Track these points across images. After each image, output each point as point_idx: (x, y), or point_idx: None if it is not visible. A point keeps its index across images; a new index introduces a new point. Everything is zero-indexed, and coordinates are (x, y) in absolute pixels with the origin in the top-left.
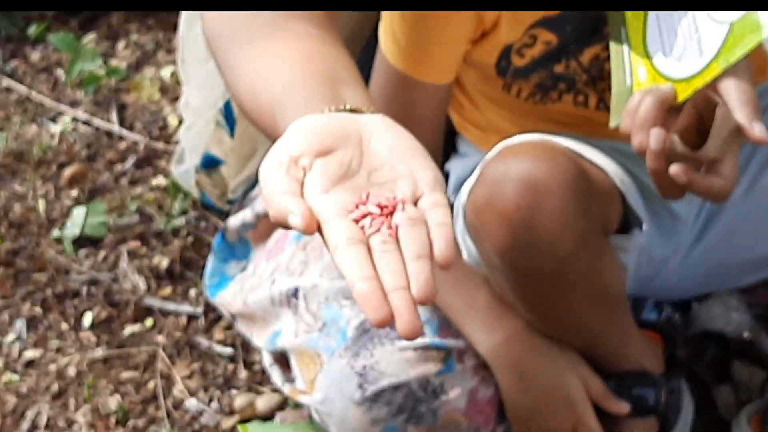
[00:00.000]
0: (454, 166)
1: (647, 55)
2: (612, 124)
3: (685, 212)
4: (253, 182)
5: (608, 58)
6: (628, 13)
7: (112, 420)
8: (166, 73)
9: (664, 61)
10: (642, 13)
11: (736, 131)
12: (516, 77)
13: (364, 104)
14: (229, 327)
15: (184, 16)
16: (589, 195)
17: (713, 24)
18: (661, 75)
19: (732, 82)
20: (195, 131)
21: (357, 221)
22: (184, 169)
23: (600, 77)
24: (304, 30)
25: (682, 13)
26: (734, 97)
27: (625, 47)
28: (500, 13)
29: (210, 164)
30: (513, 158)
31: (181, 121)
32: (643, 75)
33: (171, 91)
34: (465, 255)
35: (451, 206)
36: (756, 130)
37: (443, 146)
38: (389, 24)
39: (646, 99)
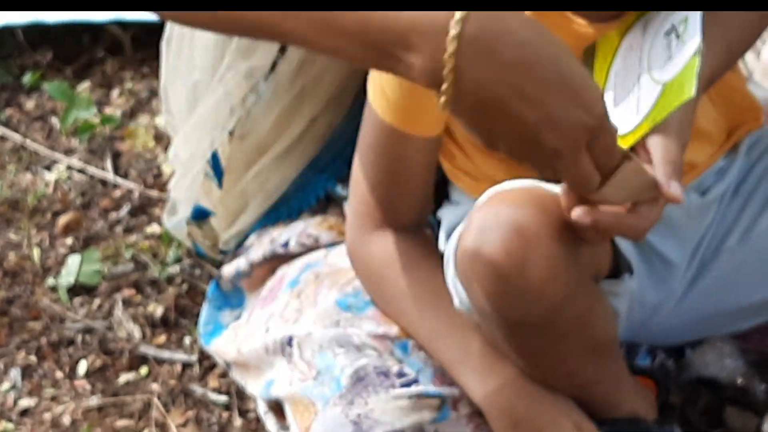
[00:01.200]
0: (446, 213)
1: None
2: None
3: (678, 258)
4: (246, 235)
5: None
6: (599, 54)
7: None
8: (160, 120)
9: (611, 111)
10: (608, 62)
11: (653, 185)
12: None
13: None
14: (224, 375)
15: (165, 66)
16: (579, 241)
17: (651, 83)
18: None
19: (659, 140)
20: (185, 183)
21: None
22: (176, 220)
23: None
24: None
25: (635, 68)
26: (658, 154)
27: None
28: None
29: (200, 216)
30: (502, 205)
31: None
32: None
33: (165, 139)
34: (457, 302)
35: (442, 254)
36: (672, 188)
37: (435, 194)
38: (378, 78)
39: None
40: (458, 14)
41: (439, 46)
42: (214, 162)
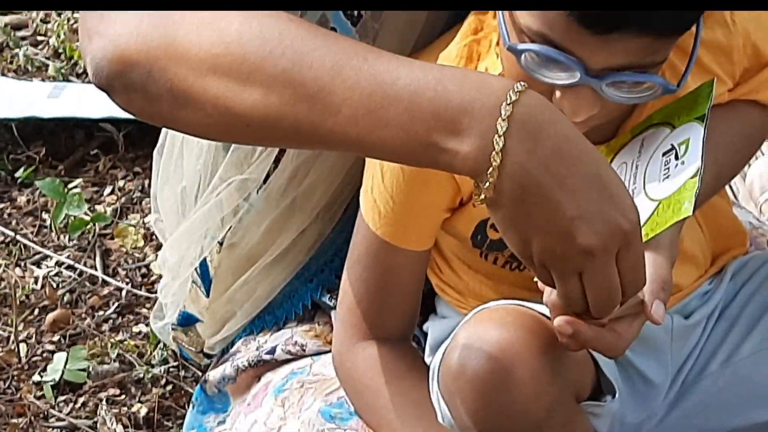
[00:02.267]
0: (433, 327)
1: None
2: None
3: (660, 379)
4: (233, 342)
5: None
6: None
7: None
8: (150, 220)
9: None
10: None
11: (639, 302)
12: (491, 249)
13: None
14: None
15: (156, 172)
16: (562, 361)
17: (646, 200)
18: None
19: (650, 257)
20: (172, 288)
21: None
22: (162, 324)
23: None
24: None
25: (629, 185)
26: (649, 271)
27: None
28: None
29: (187, 322)
30: (487, 324)
31: None
32: None
33: (155, 239)
34: (439, 417)
35: (428, 366)
36: (654, 308)
37: (422, 307)
38: (369, 192)
39: None
40: (510, 96)
41: (489, 129)
42: (203, 269)
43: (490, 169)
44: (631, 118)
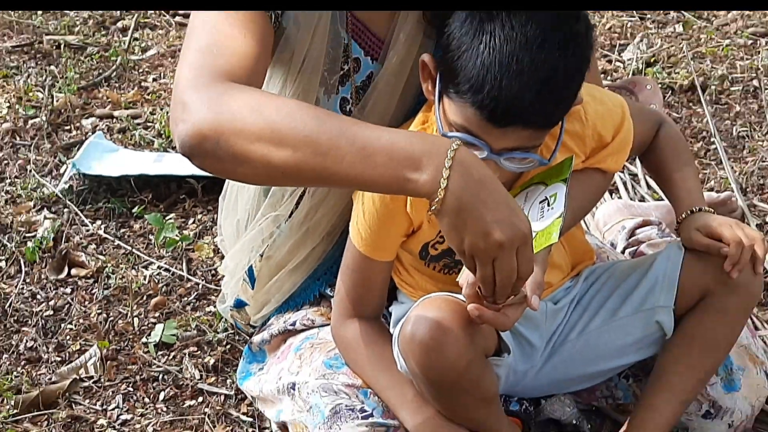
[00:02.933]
0: (395, 309)
1: None
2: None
3: (539, 343)
4: (268, 317)
5: None
6: None
7: None
8: (217, 240)
9: None
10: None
11: (524, 296)
12: (432, 260)
13: None
14: (251, 404)
15: (221, 210)
16: (476, 331)
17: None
18: None
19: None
20: (231, 284)
21: None
22: (224, 306)
23: None
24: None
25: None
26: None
27: None
28: (423, 220)
29: (239, 305)
30: (429, 307)
31: None
32: None
33: (220, 252)
34: (399, 367)
35: (391, 336)
36: (533, 300)
37: (388, 296)
38: (355, 224)
39: None
40: (453, 146)
41: (439, 166)
42: (250, 272)
43: (440, 190)
44: (520, 178)
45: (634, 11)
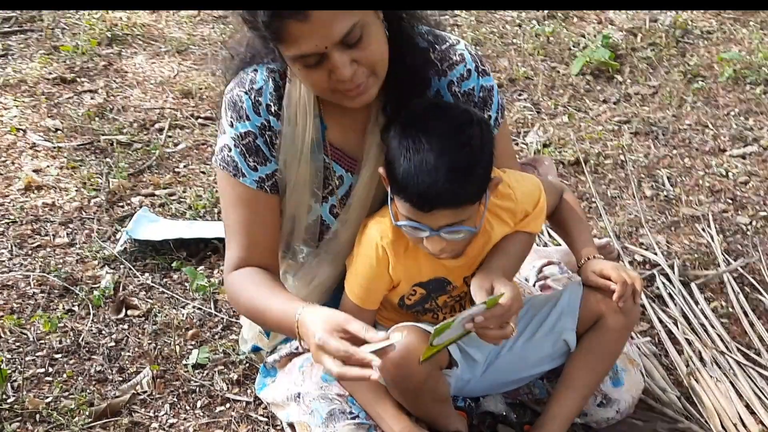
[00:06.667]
0: None
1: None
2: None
3: (480, 358)
4: (272, 350)
5: (449, 304)
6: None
7: None
8: None
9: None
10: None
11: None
12: (408, 308)
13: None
14: (266, 408)
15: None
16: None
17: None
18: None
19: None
20: (249, 334)
21: None
22: (244, 349)
23: (443, 309)
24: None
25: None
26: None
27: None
28: (401, 279)
29: (256, 350)
30: (399, 335)
31: None
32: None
33: None
34: (378, 378)
35: None
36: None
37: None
38: (350, 281)
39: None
40: (299, 314)
41: (295, 324)
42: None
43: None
44: (475, 245)
45: (532, 106)
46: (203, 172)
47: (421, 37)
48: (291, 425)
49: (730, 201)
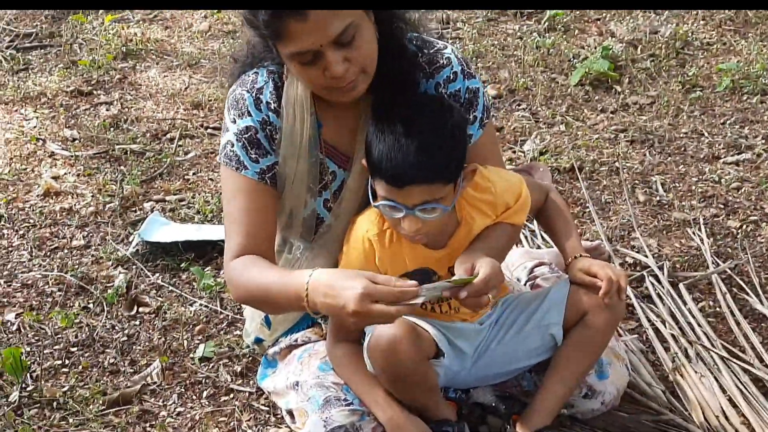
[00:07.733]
0: (366, 329)
1: None
2: None
3: (468, 351)
4: (278, 339)
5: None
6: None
7: None
8: None
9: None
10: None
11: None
12: None
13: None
14: (267, 398)
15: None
16: (421, 341)
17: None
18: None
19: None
20: (252, 326)
21: None
22: (247, 340)
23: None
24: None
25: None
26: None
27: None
28: (387, 270)
29: (258, 341)
30: (388, 327)
31: None
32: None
33: None
34: (368, 367)
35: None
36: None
37: None
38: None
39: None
40: (306, 278)
41: (304, 288)
42: (267, 319)
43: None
44: (458, 236)
45: (530, 115)
46: (211, 179)
47: (410, 41)
48: (290, 412)
49: (722, 206)
